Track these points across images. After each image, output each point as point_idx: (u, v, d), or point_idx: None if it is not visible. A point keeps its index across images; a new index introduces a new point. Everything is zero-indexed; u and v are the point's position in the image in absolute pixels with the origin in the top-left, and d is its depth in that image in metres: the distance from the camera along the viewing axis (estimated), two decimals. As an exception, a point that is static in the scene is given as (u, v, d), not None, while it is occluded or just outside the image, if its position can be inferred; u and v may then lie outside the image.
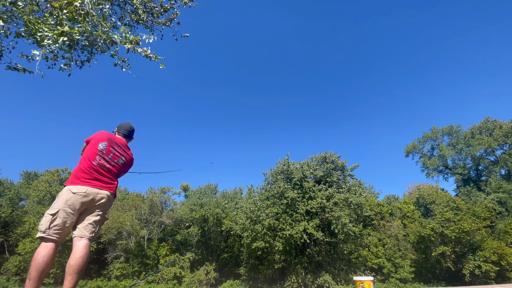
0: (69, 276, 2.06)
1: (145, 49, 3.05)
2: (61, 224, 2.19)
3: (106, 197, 2.47)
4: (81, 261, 2.14)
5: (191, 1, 3.83)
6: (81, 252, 2.17)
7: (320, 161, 22.69)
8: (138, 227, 27.88)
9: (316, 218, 19.01)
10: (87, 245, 2.26)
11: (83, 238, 2.26)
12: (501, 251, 21.08)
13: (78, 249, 2.19)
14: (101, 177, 2.49)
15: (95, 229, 2.38)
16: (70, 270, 2.08)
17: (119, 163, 2.66)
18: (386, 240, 26.19)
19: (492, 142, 34.70)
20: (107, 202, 2.50)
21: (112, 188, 2.55)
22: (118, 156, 2.66)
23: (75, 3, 2.66)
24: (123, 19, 3.91)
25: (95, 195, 2.38)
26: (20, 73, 3.42)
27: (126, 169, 2.80)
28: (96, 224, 2.39)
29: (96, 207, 2.41)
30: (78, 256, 2.15)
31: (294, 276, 19.58)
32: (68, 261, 2.16)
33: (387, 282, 23.50)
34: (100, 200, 2.41)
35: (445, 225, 22.58)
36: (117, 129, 2.98)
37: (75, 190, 2.30)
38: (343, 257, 21.52)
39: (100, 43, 2.92)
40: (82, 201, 2.31)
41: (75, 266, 2.09)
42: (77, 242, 2.24)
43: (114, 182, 2.61)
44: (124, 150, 2.75)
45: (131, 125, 3.00)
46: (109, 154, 2.60)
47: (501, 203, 30.51)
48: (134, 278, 26.88)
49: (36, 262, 2.02)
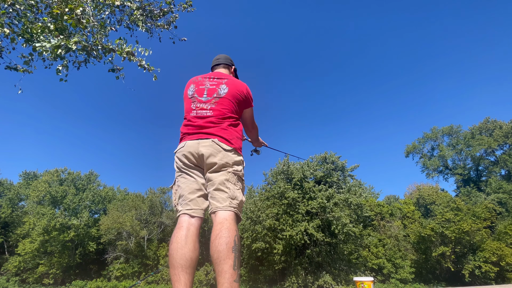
0: (216, 270, 1.42)
1: (140, 59, 3.04)
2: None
3: (211, 147, 1.68)
4: (216, 243, 1.43)
5: (190, 6, 3.83)
6: (214, 231, 1.50)
7: (320, 162, 22.69)
8: (138, 228, 27.87)
9: (317, 219, 19.00)
10: (222, 217, 1.55)
11: (217, 212, 1.61)
12: (501, 251, 21.09)
13: (213, 227, 1.56)
14: (202, 123, 1.76)
15: (226, 193, 1.62)
16: (212, 261, 1.45)
17: (221, 94, 1.83)
18: (386, 240, 26.19)
19: (492, 143, 34.69)
20: (216, 151, 1.67)
21: (218, 132, 1.72)
22: (216, 87, 1.86)
23: (76, 11, 2.65)
24: (122, 22, 3.91)
25: (197, 147, 1.69)
26: (20, 73, 3.41)
27: (239, 97, 1.86)
28: (222, 187, 1.63)
29: (208, 165, 1.69)
30: (213, 239, 1.47)
31: (294, 277, 19.58)
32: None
33: (387, 282, 23.50)
34: (206, 152, 1.67)
35: (445, 225, 22.58)
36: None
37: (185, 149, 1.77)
38: (343, 258, 21.52)
39: (96, 50, 2.91)
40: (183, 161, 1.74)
41: (211, 254, 1.44)
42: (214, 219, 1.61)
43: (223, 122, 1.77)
44: (221, 78, 1.91)
45: (222, 55, 2.20)
46: (201, 93, 1.86)
47: (501, 204, 30.50)
48: (134, 279, 26.89)
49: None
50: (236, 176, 1.70)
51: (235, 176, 1.69)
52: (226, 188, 1.63)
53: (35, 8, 3.16)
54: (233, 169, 1.69)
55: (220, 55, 2.19)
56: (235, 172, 1.70)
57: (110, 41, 2.96)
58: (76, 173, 35.48)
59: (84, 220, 30.16)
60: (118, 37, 2.93)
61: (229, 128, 1.77)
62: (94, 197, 33.78)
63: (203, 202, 1.72)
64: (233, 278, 1.38)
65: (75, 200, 31.94)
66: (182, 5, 3.88)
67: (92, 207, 33.81)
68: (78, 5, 2.77)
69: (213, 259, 1.44)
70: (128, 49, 2.91)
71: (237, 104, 1.86)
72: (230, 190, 1.63)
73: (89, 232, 30.27)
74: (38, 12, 3.25)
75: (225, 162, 1.67)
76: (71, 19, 2.73)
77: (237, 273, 1.40)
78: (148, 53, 3.10)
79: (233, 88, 1.86)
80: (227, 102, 1.81)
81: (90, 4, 3.07)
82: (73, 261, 29.59)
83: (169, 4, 3.80)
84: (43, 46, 2.54)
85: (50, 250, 28.20)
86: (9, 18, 3.06)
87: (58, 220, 28.36)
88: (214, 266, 1.43)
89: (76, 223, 28.91)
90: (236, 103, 1.85)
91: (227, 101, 1.82)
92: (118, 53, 2.90)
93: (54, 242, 28.04)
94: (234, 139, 1.77)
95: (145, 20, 3.89)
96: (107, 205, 33.38)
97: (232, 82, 1.91)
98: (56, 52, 2.61)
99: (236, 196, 1.63)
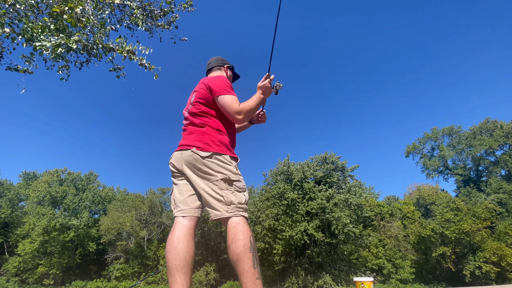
0: (237, 270, 1.47)
1: (141, 58, 3.03)
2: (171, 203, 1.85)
3: (191, 158, 1.67)
4: (234, 246, 1.46)
5: (190, 6, 3.83)
6: (229, 236, 1.54)
7: (320, 162, 22.68)
8: (138, 228, 27.86)
9: (316, 219, 18.99)
10: (235, 223, 1.55)
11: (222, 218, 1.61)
12: (501, 252, 21.08)
13: (227, 232, 1.58)
14: (184, 134, 1.82)
15: (220, 201, 1.60)
16: (232, 263, 1.50)
17: (191, 101, 1.87)
18: (387, 240, 26.18)
19: (493, 143, 34.69)
20: (196, 161, 1.66)
21: (194, 142, 1.70)
22: (191, 96, 1.90)
23: (76, 10, 2.64)
24: (122, 22, 3.92)
25: (180, 159, 1.73)
26: (20, 73, 3.41)
27: (203, 93, 1.81)
28: (215, 195, 1.61)
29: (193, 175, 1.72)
30: (229, 243, 1.51)
31: (294, 277, 19.56)
32: None
33: (388, 283, 23.49)
34: (188, 164, 1.70)
35: (445, 225, 22.57)
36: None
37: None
38: (343, 258, 21.50)
39: (96, 49, 2.91)
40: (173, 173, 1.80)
41: (230, 257, 1.48)
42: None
43: (194, 130, 1.76)
44: (199, 83, 1.93)
45: (212, 58, 2.17)
46: (188, 104, 1.92)
47: (501, 204, 30.49)
48: (134, 279, 26.88)
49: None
50: (224, 180, 1.63)
51: (223, 181, 1.63)
52: (219, 196, 1.60)
53: (35, 9, 3.16)
54: (219, 176, 1.63)
55: (211, 59, 2.16)
56: (222, 177, 1.63)
57: (111, 40, 2.96)
58: (76, 173, 35.48)
59: (84, 220, 30.15)
60: (118, 37, 2.93)
61: (207, 132, 1.73)
62: (94, 197, 33.78)
63: (194, 201, 1.71)
64: (255, 276, 1.42)
65: (75, 200, 31.93)
66: (183, 5, 3.88)
67: (92, 208, 33.80)
68: (78, 4, 2.77)
69: (233, 262, 1.47)
70: (129, 48, 2.90)
71: (206, 102, 1.80)
72: (224, 197, 1.60)
73: (89, 232, 30.25)
74: (39, 13, 3.25)
75: (208, 172, 1.63)
76: (70, 18, 2.73)
77: (258, 270, 1.44)
78: (149, 51, 3.09)
79: (198, 88, 1.86)
80: (198, 106, 1.80)
81: (90, 3, 3.07)
82: (73, 262, 29.58)
83: (169, 4, 3.80)
84: (44, 45, 2.54)
85: (50, 250, 28.18)
86: (9, 18, 3.06)
87: (58, 220, 28.35)
88: (235, 268, 1.46)
89: (76, 224, 28.90)
90: (205, 101, 1.80)
91: (197, 105, 1.80)
92: (118, 52, 2.89)
93: (54, 242, 28.03)
94: (214, 141, 1.70)
95: (145, 19, 3.89)
96: (107, 206, 33.37)
97: (200, 82, 1.91)
98: (57, 51, 2.60)
99: (231, 200, 1.59)
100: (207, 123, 1.76)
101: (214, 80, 1.83)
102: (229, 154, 1.71)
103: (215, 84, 1.79)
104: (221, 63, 2.12)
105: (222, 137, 1.75)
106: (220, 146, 1.70)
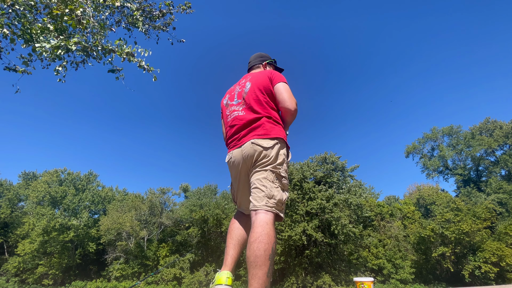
0: (249, 271, 1.41)
1: (140, 59, 3.03)
2: (234, 196, 1.94)
3: (251, 150, 1.67)
4: (255, 247, 1.41)
5: (189, 7, 3.83)
6: (254, 234, 1.46)
7: (320, 162, 22.68)
8: (138, 228, 27.85)
9: (316, 219, 18.99)
10: (263, 220, 1.50)
11: (257, 211, 1.57)
12: (501, 252, 21.08)
13: (251, 229, 1.51)
14: (239, 129, 1.79)
15: (266, 194, 1.58)
16: (247, 262, 1.43)
17: (246, 92, 1.85)
18: (386, 241, 26.18)
19: (493, 143, 34.69)
20: (258, 153, 1.66)
21: (257, 132, 1.71)
22: (242, 88, 1.91)
23: (76, 12, 2.64)
24: (120, 23, 3.91)
25: (243, 155, 1.73)
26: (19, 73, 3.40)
27: (263, 83, 1.84)
28: (263, 187, 1.61)
29: (254, 166, 1.69)
30: (252, 241, 1.44)
31: (293, 277, 19.56)
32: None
33: (388, 283, 23.48)
34: (249, 157, 1.69)
35: (445, 226, 22.57)
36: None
37: (227, 159, 1.89)
38: (343, 258, 21.50)
39: (95, 51, 2.91)
40: (235, 169, 1.81)
41: (248, 255, 1.42)
42: (252, 219, 1.57)
43: (257, 119, 1.76)
44: (246, 77, 1.99)
45: (252, 56, 2.22)
46: (233, 98, 1.93)
47: (501, 204, 30.50)
48: (134, 279, 26.86)
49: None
50: (275, 174, 1.65)
51: (273, 173, 1.64)
52: (262, 186, 1.60)
53: (34, 9, 3.15)
54: (271, 166, 1.65)
55: (251, 57, 2.21)
56: (274, 169, 1.65)
57: (110, 42, 2.96)
58: (76, 174, 35.45)
59: (84, 220, 30.14)
60: (116, 38, 2.93)
61: (265, 121, 1.73)
62: (93, 197, 33.76)
63: (247, 201, 1.79)
64: (265, 285, 1.38)
65: (75, 200, 31.91)
66: (181, 7, 3.87)
67: (92, 208, 33.78)
68: (78, 6, 2.76)
69: (249, 262, 1.41)
70: (128, 50, 2.90)
71: (264, 92, 1.81)
72: (267, 188, 1.59)
73: (88, 232, 30.24)
74: (37, 13, 3.24)
75: (263, 160, 1.65)
76: (71, 20, 2.72)
77: (269, 281, 1.41)
78: (148, 53, 3.09)
79: (254, 80, 1.87)
80: (253, 96, 1.80)
81: (90, 5, 3.07)
82: (73, 262, 29.57)
83: (168, 5, 3.79)
84: (43, 47, 2.54)
85: (50, 250, 28.17)
86: (8, 19, 3.05)
87: (58, 220, 28.34)
88: (249, 268, 1.41)
89: (75, 224, 28.89)
90: (264, 92, 1.81)
91: (253, 95, 1.80)
92: (118, 54, 2.90)
93: (54, 242, 28.02)
94: (274, 130, 1.71)
95: (144, 21, 3.88)
96: (106, 206, 33.35)
97: (255, 75, 1.93)
98: (56, 52, 2.60)
99: (273, 194, 1.58)
100: (265, 115, 1.78)
101: (273, 71, 1.94)
102: (284, 151, 1.76)
103: (275, 74, 1.89)
104: (260, 60, 2.17)
105: (280, 129, 1.80)
106: (280, 135, 1.76)
